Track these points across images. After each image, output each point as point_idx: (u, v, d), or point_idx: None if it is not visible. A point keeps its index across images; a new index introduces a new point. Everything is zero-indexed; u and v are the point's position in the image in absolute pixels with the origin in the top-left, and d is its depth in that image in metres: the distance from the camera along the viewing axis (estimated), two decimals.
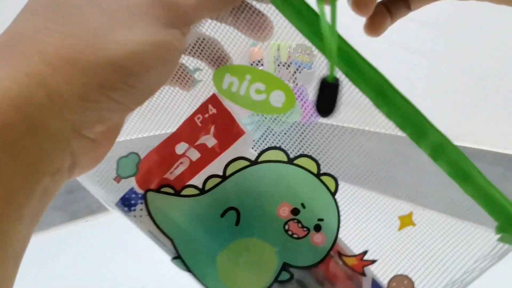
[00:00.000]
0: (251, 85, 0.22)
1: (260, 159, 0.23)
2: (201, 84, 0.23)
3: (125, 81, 0.16)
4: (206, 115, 0.23)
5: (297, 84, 0.26)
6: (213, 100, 0.23)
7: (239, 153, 0.24)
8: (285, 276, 0.24)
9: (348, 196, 0.23)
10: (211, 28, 0.22)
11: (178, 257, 0.24)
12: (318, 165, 0.23)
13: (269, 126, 0.24)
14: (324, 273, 0.24)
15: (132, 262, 0.53)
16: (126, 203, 0.24)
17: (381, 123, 0.22)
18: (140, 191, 0.24)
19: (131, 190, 0.24)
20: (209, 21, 0.22)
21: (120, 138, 0.23)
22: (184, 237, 0.24)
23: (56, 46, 0.15)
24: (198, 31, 0.22)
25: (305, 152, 0.23)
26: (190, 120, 0.23)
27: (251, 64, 0.32)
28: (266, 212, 0.23)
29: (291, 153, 0.23)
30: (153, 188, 0.24)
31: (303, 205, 0.23)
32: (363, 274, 0.24)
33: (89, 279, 0.49)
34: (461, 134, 0.63)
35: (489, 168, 0.57)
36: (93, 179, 0.24)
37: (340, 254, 0.24)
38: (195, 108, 0.23)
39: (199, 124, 0.23)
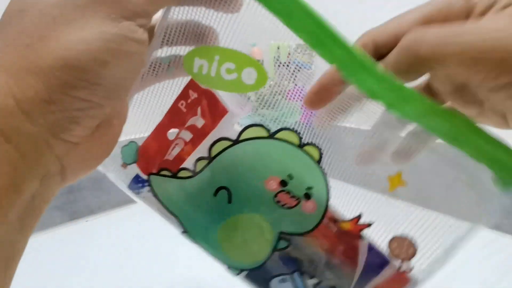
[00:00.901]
0: (221, 66, 0.22)
1: (242, 137, 0.24)
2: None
3: (84, 78, 0.17)
4: (189, 101, 0.24)
5: (297, 84, 0.26)
6: (192, 84, 0.24)
7: (225, 131, 0.24)
8: (283, 244, 0.25)
9: (334, 163, 0.23)
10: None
11: (185, 232, 0.26)
12: (300, 136, 0.23)
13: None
14: (320, 240, 0.25)
15: (132, 262, 0.53)
16: (135, 186, 0.27)
17: None
18: (144, 176, 0.26)
19: (137, 175, 0.26)
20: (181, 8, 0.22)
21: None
22: (186, 215, 0.26)
23: (13, 58, 0.16)
24: (170, 20, 0.22)
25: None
26: (174, 107, 0.24)
27: None
28: (255, 188, 0.24)
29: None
30: (154, 172, 0.26)
31: (290, 176, 0.24)
32: (361, 237, 0.24)
33: (89, 279, 0.49)
34: None
35: None
36: (108, 166, 0.27)
37: (335, 220, 0.24)
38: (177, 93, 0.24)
39: (184, 110, 0.24)
